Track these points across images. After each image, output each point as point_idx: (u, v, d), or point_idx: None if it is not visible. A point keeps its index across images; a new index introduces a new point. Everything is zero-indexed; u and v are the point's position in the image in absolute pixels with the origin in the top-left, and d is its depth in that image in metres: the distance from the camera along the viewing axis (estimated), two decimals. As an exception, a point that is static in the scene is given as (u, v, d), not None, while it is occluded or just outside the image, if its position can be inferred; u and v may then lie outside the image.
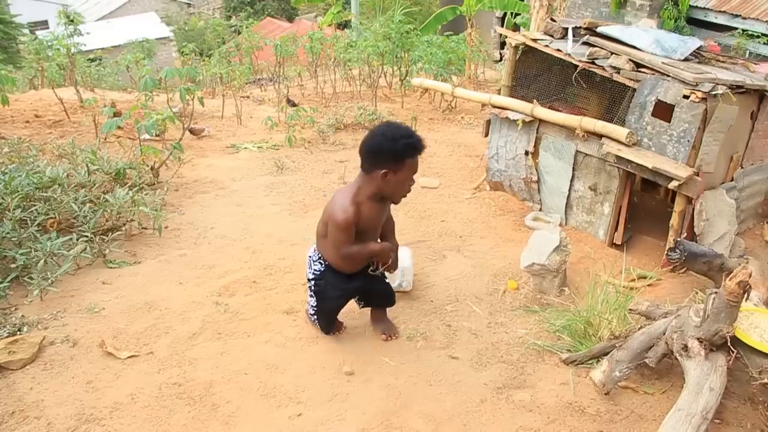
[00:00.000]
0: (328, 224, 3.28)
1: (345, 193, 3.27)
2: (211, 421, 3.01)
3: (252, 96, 10.34)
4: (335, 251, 3.32)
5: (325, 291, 3.46)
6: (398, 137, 3.10)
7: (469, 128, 8.75)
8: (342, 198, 3.24)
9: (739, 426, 3.17)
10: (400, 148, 3.10)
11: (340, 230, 3.20)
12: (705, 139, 4.46)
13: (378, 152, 3.14)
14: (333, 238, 3.28)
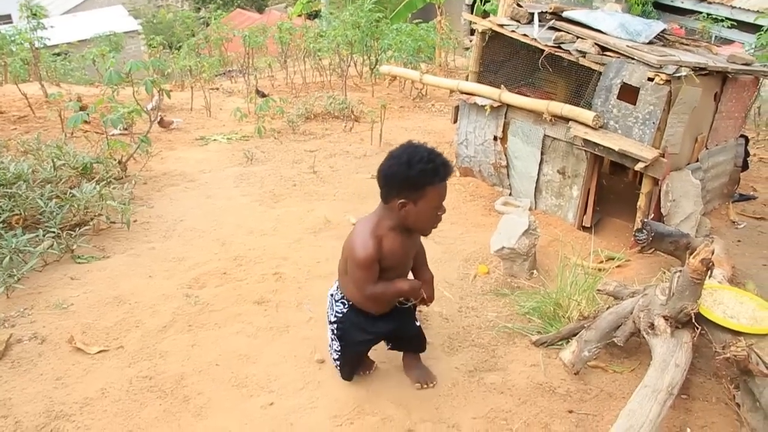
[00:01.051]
0: (348, 261, 2.88)
1: (365, 225, 2.84)
2: (183, 414, 3.00)
3: (221, 88, 10.28)
4: (359, 290, 2.91)
5: (349, 334, 3.05)
6: (415, 161, 2.60)
7: (440, 115, 8.78)
8: (362, 231, 2.81)
9: (705, 400, 3.22)
10: (417, 174, 2.62)
11: (362, 268, 2.78)
12: (670, 121, 4.51)
13: (391, 179, 2.69)
14: (354, 277, 2.86)
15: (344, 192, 5.78)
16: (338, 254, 4.48)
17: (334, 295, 3.10)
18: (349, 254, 2.84)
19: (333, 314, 3.08)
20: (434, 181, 2.66)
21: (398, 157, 2.66)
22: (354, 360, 3.18)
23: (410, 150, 2.67)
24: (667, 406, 2.62)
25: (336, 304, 3.07)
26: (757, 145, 8.82)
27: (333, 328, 3.09)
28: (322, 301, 3.88)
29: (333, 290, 3.12)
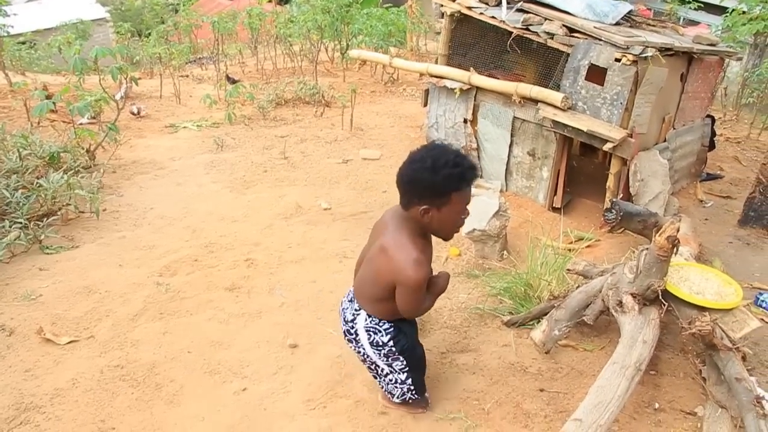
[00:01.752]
0: (398, 287, 2.54)
1: (399, 242, 2.52)
2: (156, 401, 2.99)
3: (191, 75, 10.16)
4: (410, 314, 2.67)
5: (412, 345, 2.81)
6: (440, 166, 2.37)
7: (411, 99, 8.77)
8: (402, 251, 2.48)
9: (673, 375, 3.28)
10: (442, 180, 2.39)
11: (418, 290, 2.52)
12: (637, 101, 4.55)
13: (415, 185, 2.44)
14: (407, 300, 2.56)
15: (315, 177, 5.76)
16: (309, 239, 4.54)
17: (371, 328, 2.72)
18: (396, 279, 2.50)
19: (382, 335, 2.72)
20: (460, 186, 2.44)
21: (422, 161, 2.40)
22: (423, 371, 2.95)
23: (435, 153, 2.41)
24: (635, 382, 2.66)
25: (379, 325, 2.71)
26: (724, 126, 8.95)
27: (389, 348, 2.74)
28: (293, 286, 3.93)
29: (366, 323, 2.74)
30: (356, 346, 2.82)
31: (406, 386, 2.85)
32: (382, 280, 2.58)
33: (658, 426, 2.96)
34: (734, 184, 6.37)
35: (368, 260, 2.69)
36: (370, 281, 2.66)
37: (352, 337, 2.80)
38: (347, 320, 2.80)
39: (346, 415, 2.92)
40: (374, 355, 2.78)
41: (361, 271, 2.76)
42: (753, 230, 5.11)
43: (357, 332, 2.76)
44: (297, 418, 2.90)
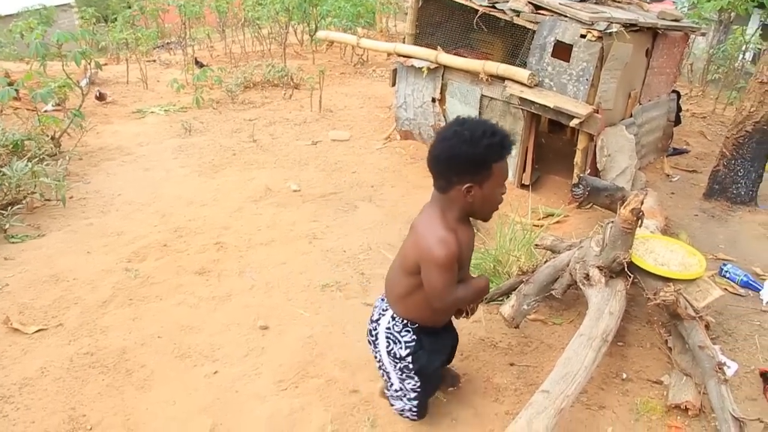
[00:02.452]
0: (422, 267, 2.36)
1: (430, 222, 2.34)
2: (126, 387, 2.97)
3: (159, 60, 10.04)
4: (439, 300, 2.40)
5: (428, 363, 2.59)
6: (478, 137, 2.20)
7: (381, 80, 8.76)
8: (431, 229, 2.32)
9: (640, 346, 3.33)
10: (483, 151, 2.21)
11: (443, 270, 2.30)
12: (603, 77, 4.58)
13: (454, 162, 2.25)
14: (433, 283, 2.34)
15: (284, 159, 5.74)
16: (278, 221, 4.52)
17: (391, 328, 2.56)
18: (424, 257, 2.33)
19: (403, 348, 2.54)
20: (502, 155, 2.26)
21: (457, 135, 2.22)
22: (434, 390, 2.79)
23: (469, 125, 2.24)
24: (602, 353, 2.69)
25: (400, 335, 2.54)
26: (690, 101, 9.05)
27: (405, 364, 2.56)
28: (263, 268, 3.92)
29: (387, 324, 2.58)
30: (374, 350, 2.66)
31: (409, 405, 2.70)
32: (408, 262, 2.43)
33: (626, 395, 3.00)
34: (700, 159, 6.45)
35: (400, 250, 2.54)
36: (398, 271, 2.51)
37: (373, 339, 2.64)
38: (373, 319, 2.65)
39: (317, 394, 2.93)
40: (390, 365, 2.62)
41: (392, 265, 2.60)
42: (718, 203, 5.19)
43: (377, 335, 2.60)
44: (268, 399, 2.90)
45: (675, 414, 2.87)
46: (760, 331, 3.54)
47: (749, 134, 4.90)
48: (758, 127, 4.85)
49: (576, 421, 2.82)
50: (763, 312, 3.71)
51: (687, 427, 2.81)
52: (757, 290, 3.90)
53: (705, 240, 4.54)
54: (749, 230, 4.76)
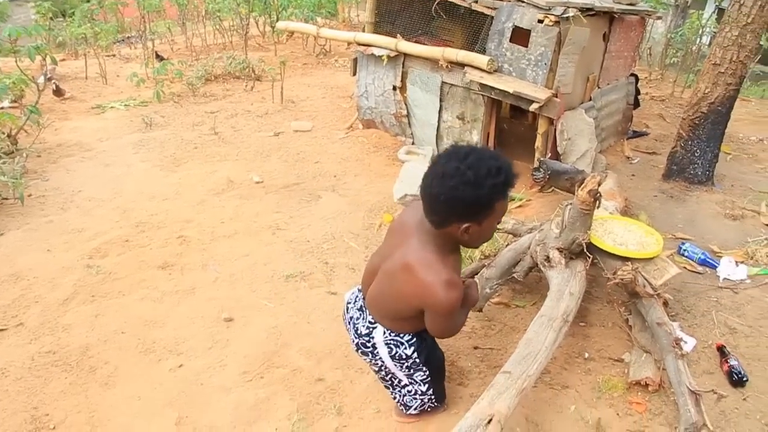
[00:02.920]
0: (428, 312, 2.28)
1: (427, 261, 2.19)
2: (90, 384, 2.94)
3: (119, 54, 9.90)
4: (447, 335, 2.46)
5: (434, 353, 2.63)
6: (482, 178, 2.01)
7: (343, 70, 8.74)
8: (431, 271, 2.16)
9: (601, 326, 3.38)
10: (487, 193, 2.04)
11: (450, 314, 2.22)
12: (561, 62, 4.61)
13: (456, 205, 2.06)
14: (442, 326, 2.34)
15: (246, 151, 5.71)
16: (241, 213, 4.51)
17: (388, 335, 2.45)
18: (431, 304, 2.21)
19: (405, 347, 2.47)
20: (505, 193, 2.13)
21: (460, 175, 2.01)
22: (443, 377, 2.78)
23: (472, 162, 2.02)
24: (563, 333, 2.72)
25: (400, 337, 2.45)
26: (649, 84, 9.17)
27: (413, 360, 2.51)
28: (227, 260, 3.90)
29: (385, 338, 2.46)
30: (372, 359, 2.54)
31: (426, 396, 2.65)
32: (408, 302, 2.29)
33: (588, 374, 3.05)
34: (659, 141, 6.54)
35: (388, 274, 2.35)
36: (390, 299, 2.37)
37: (369, 350, 2.51)
38: (361, 334, 2.50)
39: (282, 384, 2.94)
40: (395, 368, 2.53)
41: (378, 284, 2.43)
42: (676, 183, 5.27)
43: (375, 346, 2.48)
44: (234, 390, 2.90)
45: (636, 390, 2.93)
46: (717, 307, 3.61)
47: (704, 115, 4.98)
48: (713, 108, 4.93)
49: (539, 400, 2.86)
50: (720, 288, 3.79)
51: (648, 403, 2.86)
52: (714, 267, 3.97)
53: (664, 220, 4.61)
54: (706, 209, 4.85)
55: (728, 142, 6.47)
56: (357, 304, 2.57)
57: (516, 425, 2.70)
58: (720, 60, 4.77)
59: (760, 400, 2.92)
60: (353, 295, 2.62)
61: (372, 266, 2.49)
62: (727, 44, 4.71)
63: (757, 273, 3.94)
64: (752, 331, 3.41)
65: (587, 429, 2.72)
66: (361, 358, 2.60)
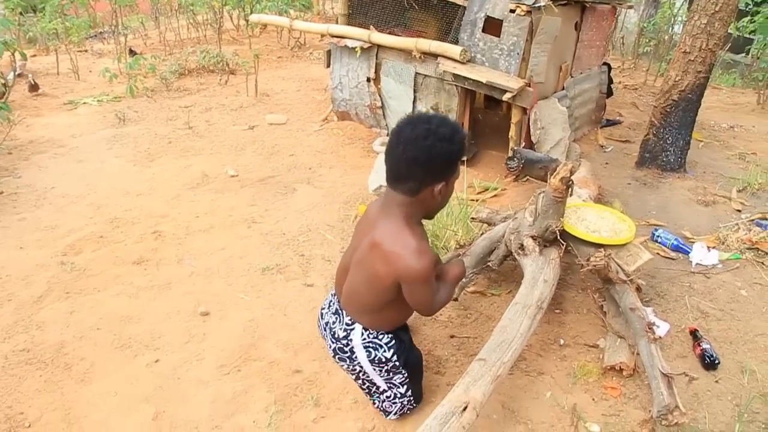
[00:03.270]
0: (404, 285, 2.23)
1: (394, 234, 2.20)
2: (66, 381, 2.92)
3: (91, 50, 9.79)
4: (428, 310, 2.41)
5: (412, 354, 2.60)
6: (454, 133, 2.12)
7: (318, 63, 8.71)
8: (399, 243, 2.17)
9: (576, 312, 3.41)
10: (459, 148, 2.16)
11: (428, 282, 2.22)
12: (533, 51, 4.63)
13: (434, 163, 2.12)
14: (421, 298, 2.29)
15: (221, 145, 5.68)
16: (217, 207, 4.48)
17: (367, 337, 2.42)
18: (405, 275, 2.18)
19: (384, 350, 2.44)
20: (465, 151, 2.22)
21: (434, 134, 2.08)
22: (421, 377, 2.74)
23: (438, 122, 2.12)
24: (537, 320, 2.75)
25: (379, 339, 2.43)
26: (623, 74, 9.24)
27: (393, 363, 2.48)
28: (203, 254, 3.89)
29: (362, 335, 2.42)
30: (350, 364, 2.50)
31: (405, 399, 2.62)
32: (381, 283, 2.25)
33: (564, 360, 3.08)
34: (632, 129, 6.60)
35: (359, 263, 2.34)
36: (364, 288, 2.34)
37: (346, 356, 2.47)
38: (338, 337, 2.46)
39: (260, 376, 2.94)
40: (373, 372, 2.51)
41: (350, 278, 2.42)
42: (649, 171, 5.33)
43: (353, 350, 2.44)
44: (211, 384, 2.89)
45: (611, 375, 2.96)
46: (690, 292, 3.66)
47: (675, 103, 5.03)
48: (684, 96, 4.99)
49: (515, 387, 2.88)
50: (693, 274, 3.84)
51: (622, 387, 2.90)
52: (686, 253, 4.02)
53: (637, 207, 4.66)
54: (679, 196, 4.91)
55: (700, 129, 6.55)
56: (332, 308, 2.54)
57: (492, 412, 2.72)
58: (690, 48, 4.82)
59: (732, 382, 2.98)
60: (327, 301, 2.60)
61: (343, 265, 2.48)
62: (696, 32, 4.76)
63: (728, 258, 4.00)
64: (724, 315, 3.47)
65: (563, 414, 2.75)
66: (339, 364, 2.56)
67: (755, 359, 3.14)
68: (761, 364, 3.11)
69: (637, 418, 2.71)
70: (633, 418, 2.73)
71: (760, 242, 4.12)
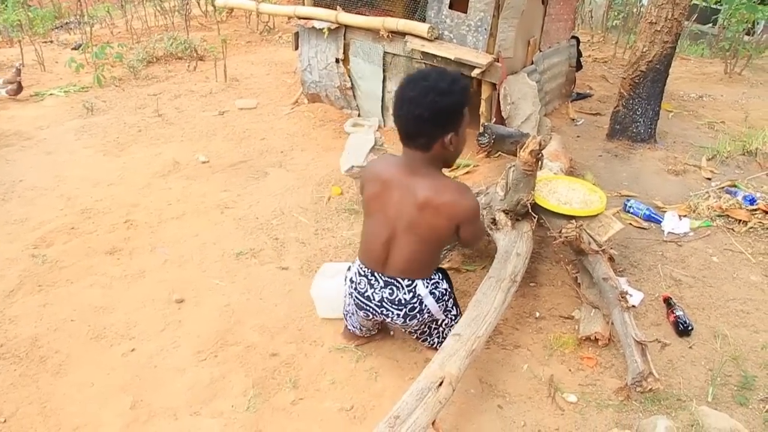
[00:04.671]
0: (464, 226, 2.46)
1: (436, 185, 2.39)
2: (41, 374, 2.89)
3: (56, 41, 9.63)
4: (480, 240, 2.78)
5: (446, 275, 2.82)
6: (452, 84, 2.29)
7: (287, 46, 8.63)
8: (445, 190, 2.39)
9: (551, 285, 3.44)
10: (460, 98, 2.33)
11: (479, 215, 2.54)
12: (500, 26, 4.62)
13: (440, 116, 2.29)
14: (480, 228, 2.65)
15: (191, 132, 5.62)
16: (189, 194, 4.46)
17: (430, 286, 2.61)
18: (464, 216, 2.41)
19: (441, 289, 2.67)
20: (469, 97, 2.43)
21: (434, 90, 2.25)
22: None
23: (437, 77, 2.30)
24: (511, 293, 2.76)
25: (440, 286, 2.67)
26: (592, 47, 9.27)
27: (447, 291, 2.71)
28: (176, 242, 3.86)
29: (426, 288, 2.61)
30: (420, 318, 2.66)
31: (456, 319, 2.73)
32: (441, 234, 2.47)
33: (540, 333, 3.11)
34: (603, 102, 6.63)
35: (408, 230, 2.46)
36: (425, 247, 2.51)
37: (417, 312, 2.62)
38: (404, 303, 2.60)
39: (237, 361, 2.93)
40: (437, 310, 2.67)
41: (402, 246, 2.51)
42: (620, 142, 5.36)
43: (422, 302, 2.61)
44: (188, 370, 2.88)
45: (586, 346, 3.00)
46: (662, 260, 3.70)
47: (644, 74, 5.06)
48: (651, 66, 5.02)
49: (492, 361, 2.91)
50: (665, 242, 3.88)
51: (598, 357, 2.94)
52: (658, 222, 4.07)
53: (609, 178, 4.70)
54: (650, 166, 4.95)
55: (669, 100, 6.60)
56: (376, 285, 2.63)
57: (470, 386, 2.75)
58: (656, 18, 4.85)
59: (705, 347, 3.03)
60: (363, 289, 2.67)
61: (380, 240, 2.55)
62: (661, 3, 4.78)
63: (699, 226, 4.05)
64: (696, 282, 3.51)
65: (540, 386, 2.78)
66: (405, 325, 2.71)
67: (727, 324, 3.19)
68: (733, 328, 3.16)
69: (614, 387, 2.75)
70: (609, 386, 2.77)
71: (729, 209, 4.17)
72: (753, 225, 4.04)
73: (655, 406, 2.66)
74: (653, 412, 2.63)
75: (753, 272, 3.63)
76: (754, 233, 4.00)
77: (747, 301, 3.37)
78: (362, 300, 2.68)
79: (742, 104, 6.84)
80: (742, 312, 3.29)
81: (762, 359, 2.95)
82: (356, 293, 2.70)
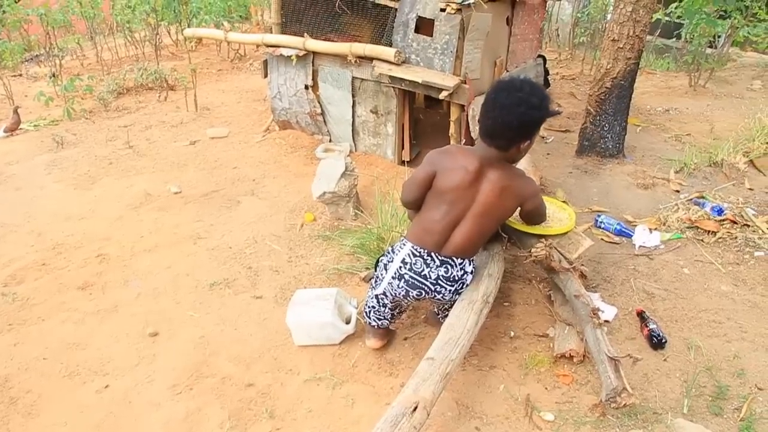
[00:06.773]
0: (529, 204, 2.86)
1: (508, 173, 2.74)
2: (12, 416, 2.84)
3: (26, 74, 9.57)
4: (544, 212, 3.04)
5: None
6: (542, 101, 2.59)
7: (258, 73, 8.66)
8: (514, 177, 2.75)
9: (525, 304, 3.46)
10: (546, 114, 2.65)
11: (539, 194, 2.91)
12: (466, 48, 4.67)
13: (527, 127, 2.63)
14: (540, 208, 2.94)
15: (163, 163, 5.60)
16: (161, 225, 4.44)
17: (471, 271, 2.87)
18: (532, 196, 2.82)
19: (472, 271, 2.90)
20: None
21: (526, 103, 2.54)
22: None
23: (529, 90, 2.58)
24: (484, 314, 2.77)
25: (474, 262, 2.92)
26: (560, 65, 9.39)
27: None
28: (149, 274, 3.83)
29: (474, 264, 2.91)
30: (460, 290, 2.86)
31: None
32: (507, 214, 2.87)
33: (515, 352, 3.12)
34: (572, 118, 6.71)
35: (482, 214, 2.73)
36: (494, 226, 2.85)
37: (460, 287, 2.85)
38: (455, 279, 2.82)
39: (213, 393, 2.91)
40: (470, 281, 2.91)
41: (470, 229, 2.75)
42: (589, 158, 5.43)
43: (465, 279, 2.85)
44: (164, 405, 2.86)
45: (562, 363, 3.01)
46: (635, 274, 3.74)
47: (609, 90, 5.14)
48: (616, 83, 5.10)
49: (468, 383, 2.91)
50: (637, 256, 3.93)
51: (574, 374, 2.95)
52: (629, 236, 4.11)
53: (580, 194, 4.75)
54: (619, 181, 5.01)
55: (637, 114, 6.70)
56: (432, 264, 2.79)
57: (446, 410, 2.74)
58: (618, 36, 4.94)
59: (679, 359, 3.05)
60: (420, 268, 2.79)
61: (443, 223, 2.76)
62: (622, 20, 4.88)
63: (670, 238, 4.10)
64: (668, 294, 3.55)
65: (517, 406, 2.78)
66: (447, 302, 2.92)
67: (700, 335, 3.23)
68: (706, 339, 3.20)
69: (590, 403, 2.77)
70: (586, 403, 2.78)
71: (698, 221, 4.23)
72: (722, 235, 4.10)
73: (632, 421, 2.67)
74: (630, 426, 2.65)
75: (723, 282, 3.68)
76: (723, 243, 4.06)
77: (718, 311, 3.42)
78: (418, 279, 2.79)
79: (707, 116, 6.96)
80: (714, 322, 3.32)
81: (734, 368, 2.99)
82: (412, 273, 2.79)
